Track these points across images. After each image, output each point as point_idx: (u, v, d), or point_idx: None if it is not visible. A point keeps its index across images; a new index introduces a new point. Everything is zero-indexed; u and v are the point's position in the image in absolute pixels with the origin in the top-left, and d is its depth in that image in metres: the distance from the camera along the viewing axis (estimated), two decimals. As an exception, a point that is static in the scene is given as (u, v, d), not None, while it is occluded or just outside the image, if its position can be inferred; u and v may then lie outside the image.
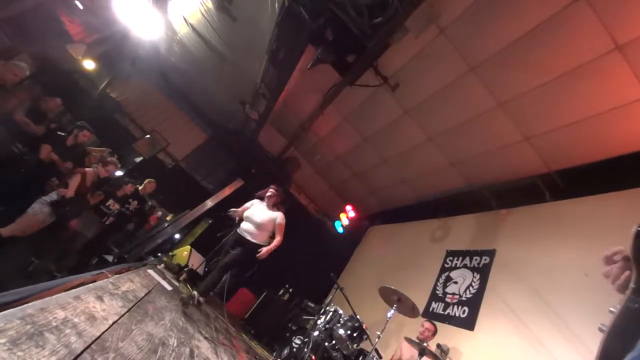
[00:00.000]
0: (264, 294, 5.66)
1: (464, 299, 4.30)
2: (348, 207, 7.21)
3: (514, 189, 4.81)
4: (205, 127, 8.07)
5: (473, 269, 4.53)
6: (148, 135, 7.20)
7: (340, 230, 7.29)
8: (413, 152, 5.51)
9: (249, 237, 3.38)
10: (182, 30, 5.99)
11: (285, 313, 5.47)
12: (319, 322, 3.44)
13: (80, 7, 5.64)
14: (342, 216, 7.24)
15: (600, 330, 0.75)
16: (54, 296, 1.33)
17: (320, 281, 5.66)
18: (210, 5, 4.83)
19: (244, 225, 3.48)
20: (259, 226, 3.40)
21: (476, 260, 4.60)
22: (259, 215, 3.46)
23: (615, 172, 3.76)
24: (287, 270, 6.27)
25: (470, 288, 4.34)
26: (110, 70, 7.21)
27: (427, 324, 3.72)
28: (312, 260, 6.54)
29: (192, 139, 7.90)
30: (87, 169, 4.05)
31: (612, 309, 0.76)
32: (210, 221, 6.02)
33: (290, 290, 6.15)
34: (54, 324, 1.11)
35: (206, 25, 5.39)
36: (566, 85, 3.45)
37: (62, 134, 4.39)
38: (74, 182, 3.77)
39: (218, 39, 5.48)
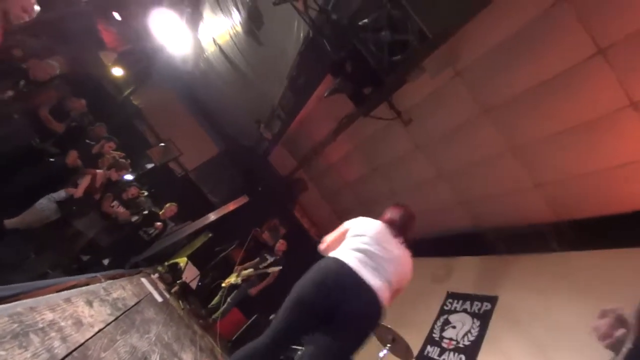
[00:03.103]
0: (254, 316, 5.49)
1: (461, 345, 4.10)
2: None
3: (521, 235, 4.70)
4: (219, 142, 8.26)
5: (473, 315, 4.35)
6: (162, 144, 7.37)
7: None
8: (421, 187, 5.50)
9: None
10: (210, 49, 6.29)
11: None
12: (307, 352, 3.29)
13: (118, 18, 6.01)
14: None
15: None
16: (45, 296, 1.32)
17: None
18: (239, 29, 5.10)
19: None
20: None
21: (477, 305, 4.43)
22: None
23: (629, 227, 3.66)
24: (282, 295, 6.10)
25: (469, 334, 4.15)
26: (136, 78, 7.54)
27: None
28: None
29: (205, 152, 8.06)
30: (97, 171, 4.13)
31: None
32: (210, 235, 5.99)
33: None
34: (40, 325, 1.09)
35: (233, 47, 5.66)
36: (580, 136, 3.46)
37: (91, 142, 4.58)
38: (84, 182, 3.84)
39: (242, 60, 5.73)
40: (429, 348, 4.41)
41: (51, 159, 4.19)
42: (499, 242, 5.02)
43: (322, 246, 2.26)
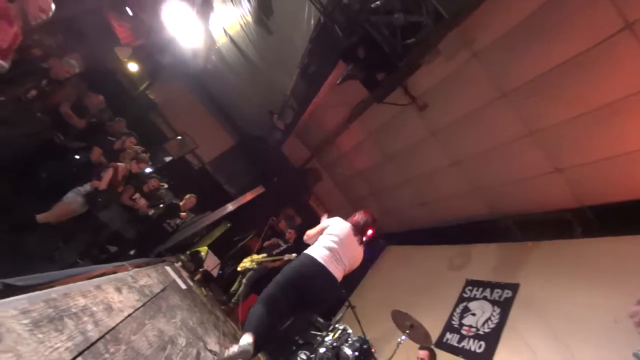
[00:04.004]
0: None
1: (481, 332, 4.08)
2: (366, 224, 7.10)
3: (541, 222, 4.58)
4: (233, 134, 8.34)
5: (493, 302, 4.30)
6: (179, 137, 7.51)
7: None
8: (436, 174, 5.40)
9: None
10: (221, 40, 6.28)
11: (293, 326, 5.40)
12: (326, 339, 3.36)
13: (130, 13, 6.07)
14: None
15: None
16: (77, 283, 1.39)
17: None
18: (249, 18, 5.06)
19: None
20: None
21: (497, 293, 4.37)
22: None
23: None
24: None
25: (489, 322, 4.12)
26: (152, 72, 7.65)
27: (421, 352, 3.53)
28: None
29: (220, 144, 8.17)
30: (119, 164, 4.27)
31: (636, 352, 0.70)
32: (229, 225, 6.12)
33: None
34: (73, 310, 1.16)
35: (244, 37, 5.64)
36: (603, 118, 3.29)
37: (112, 139, 4.74)
38: (107, 175, 3.98)
39: (254, 50, 5.70)
40: (448, 335, 4.41)
41: (76, 156, 4.35)
42: (516, 228, 4.91)
43: (305, 237, 2.95)
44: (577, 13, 2.93)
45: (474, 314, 4.38)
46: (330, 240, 2.64)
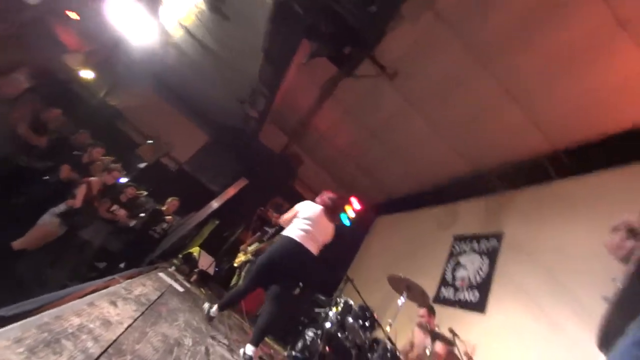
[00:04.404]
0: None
1: (473, 283, 4.30)
2: (353, 199, 7.20)
3: (519, 170, 4.77)
4: (206, 129, 8.10)
5: (481, 253, 4.53)
6: (150, 141, 7.24)
7: (347, 222, 7.29)
8: (415, 140, 5.47)
9: None
10: (177, 33, 5.97)
11: (297, 307, 5.53)
12: (330, 313, 3.48)
13: (75, 17, 5.65)
14: (348, 208, 7.24)
15: (605, 299, 0.75)
16: (69, 304, 1.36)
17: (329, 274, 5.68)
18: (203, 6, 4.81)
19: None
20: None
21: (484, 244, 4.59)
22: None
23: (622, 146, 3.70)
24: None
25: (480, 272, 4.34)
26: (108, 77, 7.24)
27: (420, 311, 3.72)
28: (321, 254, 6.58)
29: (194, 141, 7.93)
30: (92, 179, 4.09)
31: (615, 278, 0.76)
32: (217, 222, 6.07)
33: (301, 284, 6.20)
34: (69, 330, 1.14)
35: (200, 27, 5.38)
36: (571, 64, 3.39)
37: (78, 153, 4.52)
38: (81, 192, 3.82)
39: (212, 39, 5.47)
40: (443, 290, 4.64)
41: (45, 177, 4.14)
42: (498, 180, 5.09)
43: (281, 221, 3.28)
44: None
45: (465, 267, 4.60)
46: (304, 222, 2.98)
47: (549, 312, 3.33)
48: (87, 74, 6.80)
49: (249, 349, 2.25)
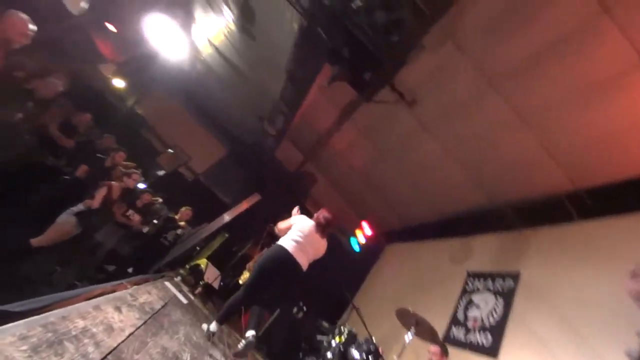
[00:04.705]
0: (278, 311, 5.58)
1: (486, 324, 4.08)
2: (364, 224, 7.11)
3: (538, 207, 4.62)
4: (225, 142, 8.30)
5: (496, 293, 4.31)
6: (171, 150, 7.45)
7: (356, 247, 7.16)
8: (431, 168, 5.43)
9: None
10: (206, 50, 6.28)
11: (299, 332, 5.36)
12: (333, 342, 3.35)
13: (113, 29, 6.03)
14: (358, 233, 7.13)
15: (627, 354, 0.69)
16: (75, 305, 1.36)
17: (334, 300, 5.53)
18: (232, 27, 5.07)
19: None
20: None
21: (499, 283, 4.39)
22: None
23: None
24: (302, 288, 6.18)
25: (494, 313, 4.12)
26: (138, 87, 7.60)
27: (433, 348, 3.52)
28: (327, 278, 6.44)
29: (212, 154, 8.13)
30: (113, 182, 4.21)
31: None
32: (227, 235, 6.07)
33: (304, 308, 6.04)
34: (73, 333, 1.13)
35: (228, 46, 5.63)
36: (591, 98, 3.34)
37: (102, 156, 4.69)
38: (100, 193, 3.92)
39: (239, 58, 5.71)
40: (454, 329, 4.41)
41: (66, 177, 4.29)
42: (515, 216, 4.94)
43: (276, 229, 3.52)
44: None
45: (478, 307, 4.38)
46: (297, 235, 3.16)
47: (566, 363, 3.10)
48: (119, 83, 7.16)
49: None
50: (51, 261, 3.80)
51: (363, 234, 7.06)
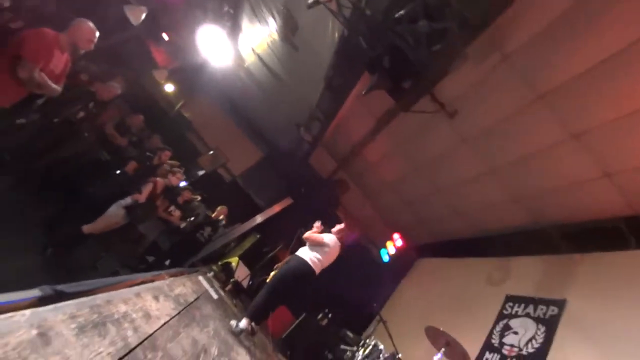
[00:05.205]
0: (303, 316, 5.59)
1: (524, 352, 3.78)
2: (396, 236, 6.94)
3: (589, 232, 4.23)
4: (262, 147, 8.59)
5: (537, 320, 3.99)
6: (211, 152, 7.84)
7: (385, 259, 7.00)
8: (470, 183, 5.19)
9: None
10: (250, 58, 6.56)
11: (323, 339, 5.31)
12: (357, 354, 3.28)
13: (166, 38, 6.52)
14: (389, 244, 6.98)
15: None
16: (119, 290, 1.47)
17: (361, 310, 5.43)
18: (276, 37, 5.25)
19: None
20: None
21: (542, 310, 4.05)
22: None
23: None
24: (328, 295, 6.15)
25: (533, 341, 3.81)
26: (186, 92, 8.12)
27: None
28: (354, 288, 6.35)
29: (249, 157, 8.44)
30: (158, 179, 4.51)
31: None
32: (258, 236, 6.23)
33: (329, 315, 5.99)
34: (115, 316, 1.22)
35: (271, 55, 5.84)
36: None
37: (150, 154, 5.08)
38: (147, 189, 4.22)
39: (280, 67, 5.89)
40: (487, 355, 4.13)
41: (117, 171, 4.67)
42: (562, 240, 4.56)
43: (305, 236, 3.74)
44: (613, 8, 2.75)
45: (516, 333, 4.08)
46: (321, 251, 3.57)
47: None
48: (169, 88, 7.70)
49: (243, 323, 2.93)
50: (99, 248, 4.13)
51: (394, 245, 6.89)
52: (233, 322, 2.92)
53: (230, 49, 6.38)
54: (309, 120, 6.12)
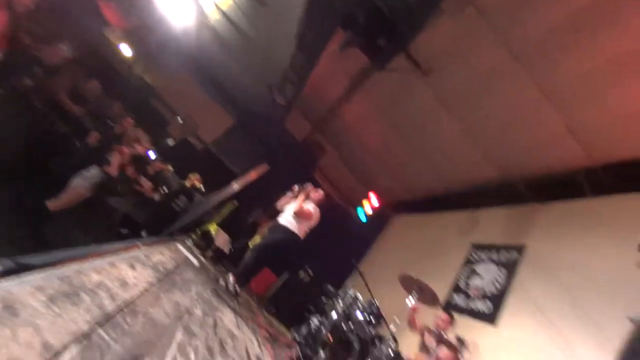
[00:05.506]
0: (286, 275, 5.81)
1: (487, 293, 4.18)
2: (372, 195, 7.14)
3: (551, 183, 4.53)
4: (233, 112, 8.24)
5: (499, 264, 4.37)
6: (179, 119, 7.46)
7: (363, 218, 7.25)
8: (444, 141, 5.32)
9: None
10: (214, 16, 6.06)
11: (306, 295, 5.60)
12: (337, 305, 3.49)
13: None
14: (366, 204, 7.19)
15: (631, 321, 0.70)
16: (90, 261, 1.43)
17: (340, 267, 5.70)
18: (240, -11, 4.84)
19: None
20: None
21: (503, 255, 4.44)
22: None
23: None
24: (309, 255, 6.38)
25: (495, 283, 4.20)
26: (145, 55, 7.48)
27: (442, 315, 3.67)
28: (334, 246, 6.59)
29: (221, 123, 8.10)
30: (124, 148, 4.26)
31: (633, 318, 0.70)
32: (236, 203, 6.20)
33: (311, 273, 6.26)
34: (89, 286, 1.20)
35: (236, 11, 5.42)
36: (617, 70, 3.15)
37: (112, 123, 4.73)
38: (115, 159, 3.99)
39: (248, 24, 5.51)
40: (455, 296, 4.53)
41: (77, 143, 4.37)
42: (527, 191, 4.87)
43: (295, 211, 3.70)
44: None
45: (480, 276, 4.47)
46: (307, 222, 3.71)
47: (565, 333, 3.18)
48: (125, 50, 7.05)
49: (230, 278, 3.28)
50: (69, 224, 3.96)
51: (370, 204, 7.11)
52: (222, 281, 3.26)
53: (191, 5, 5.84)
54: (281, 82, 5.89)
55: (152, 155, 5.70)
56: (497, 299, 3.98)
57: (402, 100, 5.26)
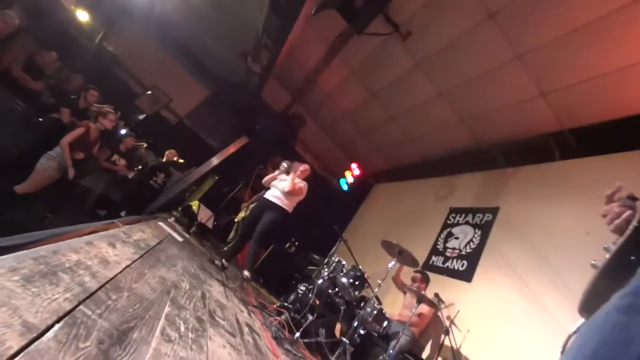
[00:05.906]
0: (271, 247, 5.90)
1: (463, 253, 4.42)
2: (353, 165, 7.20)
3: (523, 148, 4.71)
4: (207, 83, 7.82)
5: (475, 226, 4.60)
6: (149, 92, 7.04)
7: (345, 187, 7.35)
8: (422, 107, 5.34)
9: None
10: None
11: (292, 264, 5.74)
12: (323, 272, 3.61)
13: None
14: (347, 174, 7.26)
15: (593, 266, 0.75)
16: (67, 241, 1.38)
17: (324, 236, 5.82)
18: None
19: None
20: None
21: (479, 217, 4.66)
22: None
23: (631, 131, 3.61)
24: (293, 226, 6.47)
25: (471, 243, 4.45)
26: (105, 21, 6.85)
27: (414, 274, 3.93)
28: (317, 216, 6.70)
29: (195, 95, 7.71)
30: (89, 122, 4.01)
31: (606, 246, 0.75)
32: (217, 177, 6.10)
33: (296, 243, 6.38)
34: (67, 265, 1.16)
35: (202, -32, 4.99)
36: (588, 37, 3.20)
37: (74, 97, 4.40)
38: (76, 132, 3.75)
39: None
40: (433, 258, 4.78)
41: (39, 119, 4.07)
42: (500, 156, 5.04)
43: (287, 190, 3.65)
44: None
45: (457, 238, 4.70)
46: (296, 198, 3.72)
47: (533, 287, 3.45)
48: (82, 16, 6.43)
49: (246, 273, 3.47)
50: (42, 208, 3.80)
51: (352, 174, 7.19)
52: (217, 262, 3.45)
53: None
54: (256, 49, 5.61)
55: (123, 131, 5.42)
56: (472, 258, 4.24)
57: (381, 67, 5.17)
